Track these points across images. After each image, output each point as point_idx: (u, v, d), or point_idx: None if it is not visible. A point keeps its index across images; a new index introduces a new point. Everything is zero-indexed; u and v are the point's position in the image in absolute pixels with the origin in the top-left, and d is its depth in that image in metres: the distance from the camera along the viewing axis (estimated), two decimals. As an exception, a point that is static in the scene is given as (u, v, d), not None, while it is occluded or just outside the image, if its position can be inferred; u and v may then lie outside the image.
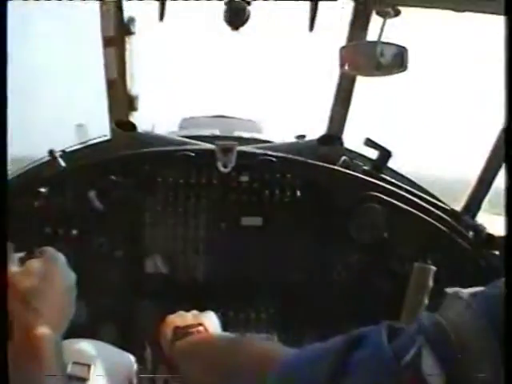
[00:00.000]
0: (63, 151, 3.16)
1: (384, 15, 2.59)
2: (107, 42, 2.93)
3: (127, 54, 3.01)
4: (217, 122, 8.41)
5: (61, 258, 1.35)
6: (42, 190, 2.83)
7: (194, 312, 1.68)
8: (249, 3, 2.50)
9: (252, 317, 3.00)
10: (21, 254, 1.34)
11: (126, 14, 2.92)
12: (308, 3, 2.64)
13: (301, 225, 2.99)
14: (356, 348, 0.94)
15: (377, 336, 0.93)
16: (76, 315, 1.36)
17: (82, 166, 3.00)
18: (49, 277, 1.27)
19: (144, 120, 3.59)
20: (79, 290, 1.40)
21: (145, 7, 2.86)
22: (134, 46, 3.07)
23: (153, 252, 2.97)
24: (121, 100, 3.13)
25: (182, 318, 1.62)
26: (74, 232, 2.87)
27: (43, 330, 1.19)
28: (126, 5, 2.85)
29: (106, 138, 3.30)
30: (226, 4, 2.50)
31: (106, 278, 2.90)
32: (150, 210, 2.95)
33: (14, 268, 1.28)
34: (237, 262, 2.98)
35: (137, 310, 2.96)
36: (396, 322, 0.99)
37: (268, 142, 3.70)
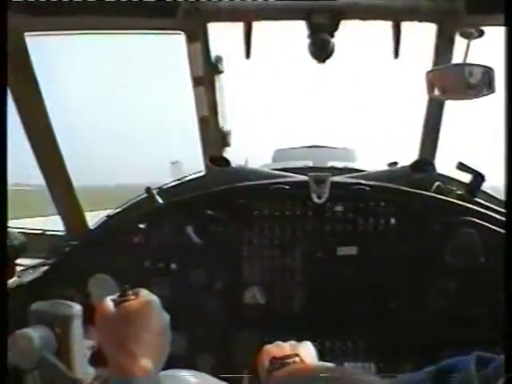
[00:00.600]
0: (160, 188, 3.27)
1: (468, 36, 2.55)
2: (197, 82, 3.02)
3: (217, 91, 3.08)
4: (310, 152, 8.38)
5: (155, 299, 1.39)
6: (141, 225, 2.93)
7: (292, 342, 1.67)
8: (332, 35, 2.52)
9: (349, 346, 2.96)
10: (115, 296, 1.39)
11: (214, 54, 3.00)
12: (390, 31, 2.64)
13: (396, 252, 2.94)
14: (447, 378, 0.94)
15: (466, 367, 0.92)
16: (176, 346, 1.40)
17: (178, 202, 3.09)
18: (143, 320, 1.32)
19: (237, 155, 3.65)
20: (179, 321, 1.44)
21: (232, 46, 2.93)
22: (224, 82, 3.15)
23: (251, 283, 3.00)
24: (213, 136, 3.21)
25: (279, 348, 1.61)
26: (174, 266, 2.96)
27: (142, 365, 1.24)
28: (212, 44, 2.94)
29: (200, 174, 3.39)
30: (309, 37, 2.54)
31: (205, 309, 2.96)
32: (246, 242, 3.00)
33: (110, 310, 1.34)
34: (333, 292, 2.96)
35: (235, 341, 2.99)
36: (490, 350, 0.98)
37: (361, 170, 3.67)
